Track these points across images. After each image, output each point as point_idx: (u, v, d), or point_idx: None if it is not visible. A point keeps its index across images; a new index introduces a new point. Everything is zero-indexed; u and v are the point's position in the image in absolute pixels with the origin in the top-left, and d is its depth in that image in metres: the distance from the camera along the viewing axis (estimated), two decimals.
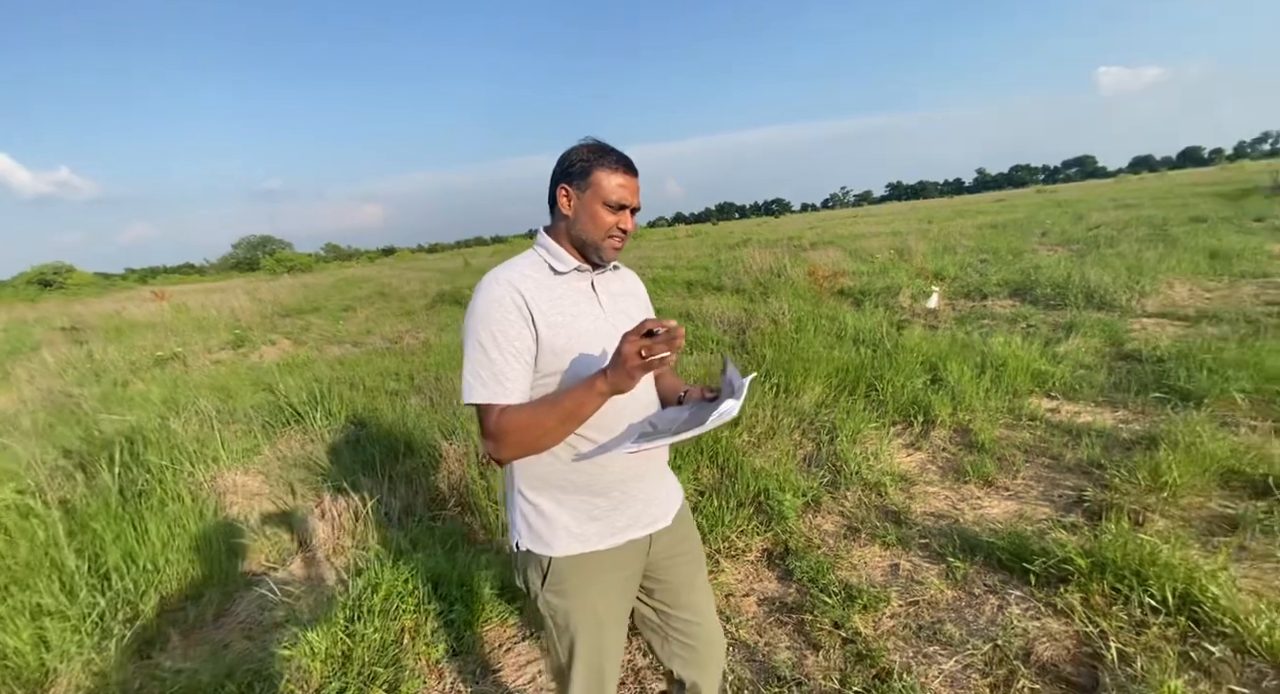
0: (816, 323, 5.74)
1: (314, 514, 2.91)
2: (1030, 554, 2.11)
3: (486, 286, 1.09)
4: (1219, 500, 2.46)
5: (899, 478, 2.92)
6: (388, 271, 27.26)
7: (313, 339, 8.75)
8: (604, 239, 1.13)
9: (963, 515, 2.59)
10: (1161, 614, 1.81)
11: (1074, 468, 2.87)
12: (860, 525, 2.59)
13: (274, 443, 3.96)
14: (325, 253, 77.70)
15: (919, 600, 2.09)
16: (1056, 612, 1.92)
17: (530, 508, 1.17)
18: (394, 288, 16.09)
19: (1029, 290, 6.95)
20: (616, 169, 1.10)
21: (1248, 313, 5.13)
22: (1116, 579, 1.91)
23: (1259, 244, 8.34)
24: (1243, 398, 3.25)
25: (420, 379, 5.22)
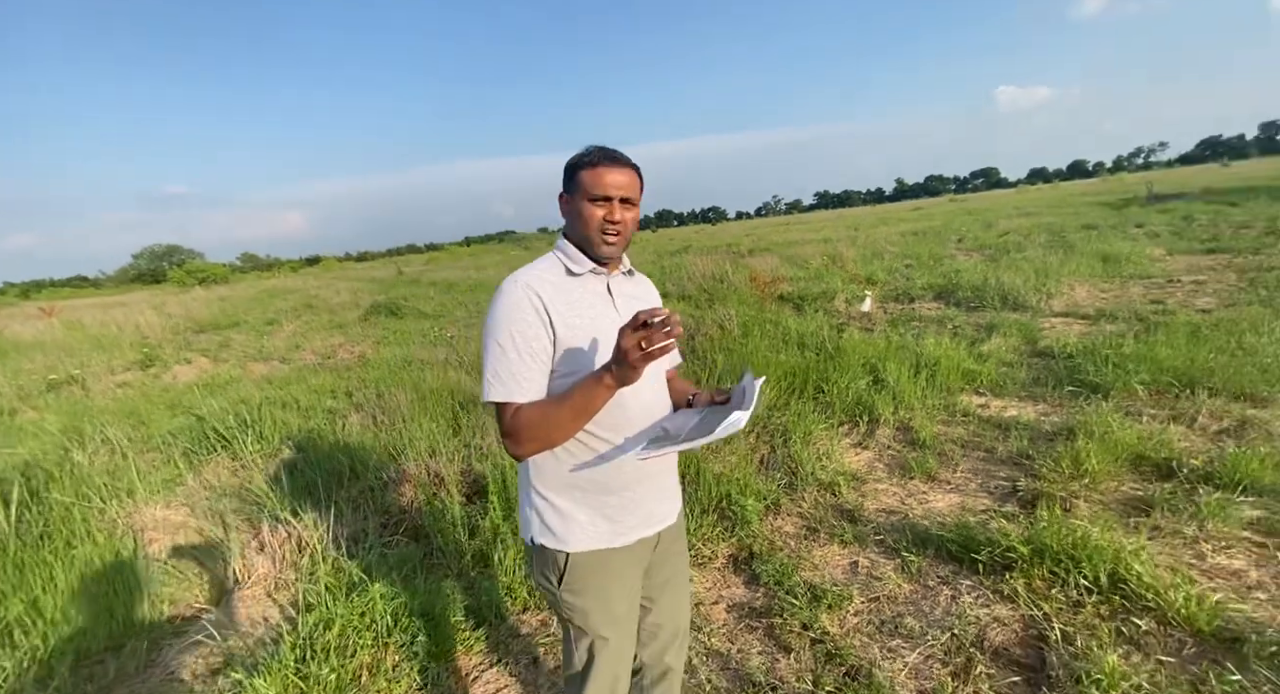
0: (761, 328, 5.89)
1: (251, 547, 2.71)
2: (977, 545, 2.24)
3: (506, 289, 1.13)
4: (1130, 484, 2.70)
5: (851, 477, 3.04)
6: (314, 282, 25.80)
7: (234, 356, 8.16)
8: (595, 233, 1.15)
9: (912, 510, 2.73)
10: (1094, 594, 1.97)
11: (1006, 460, 3.08)
12: (819, 526, 2.67)
13: (198, 471, 3.65)
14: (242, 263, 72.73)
15: (879, 596, 2.18)
16: (1003, 598, 2.05)
17: (545, 504, 1.20)
18: (322, 299, 15.26)
19: (951, 293, 7.43)
20: (597, 164, 1.13)
21: (1138, 311, 5.69)
22: (1054, 563, 2.06)
23: (1142, 249, 9.28)
24: (1143, 389, 3.60)
25: (360, 396, 4.96)
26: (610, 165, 1.13)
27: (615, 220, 1.14)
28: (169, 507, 3.25)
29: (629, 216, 1.17)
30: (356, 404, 4.75)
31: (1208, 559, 2.14)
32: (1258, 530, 2.26)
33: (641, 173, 1.20)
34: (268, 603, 2.43)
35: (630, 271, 1.30)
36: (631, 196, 1.16)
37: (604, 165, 1.13)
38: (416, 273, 24.48)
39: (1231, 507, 2.37)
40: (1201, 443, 2.95)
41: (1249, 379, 3.47)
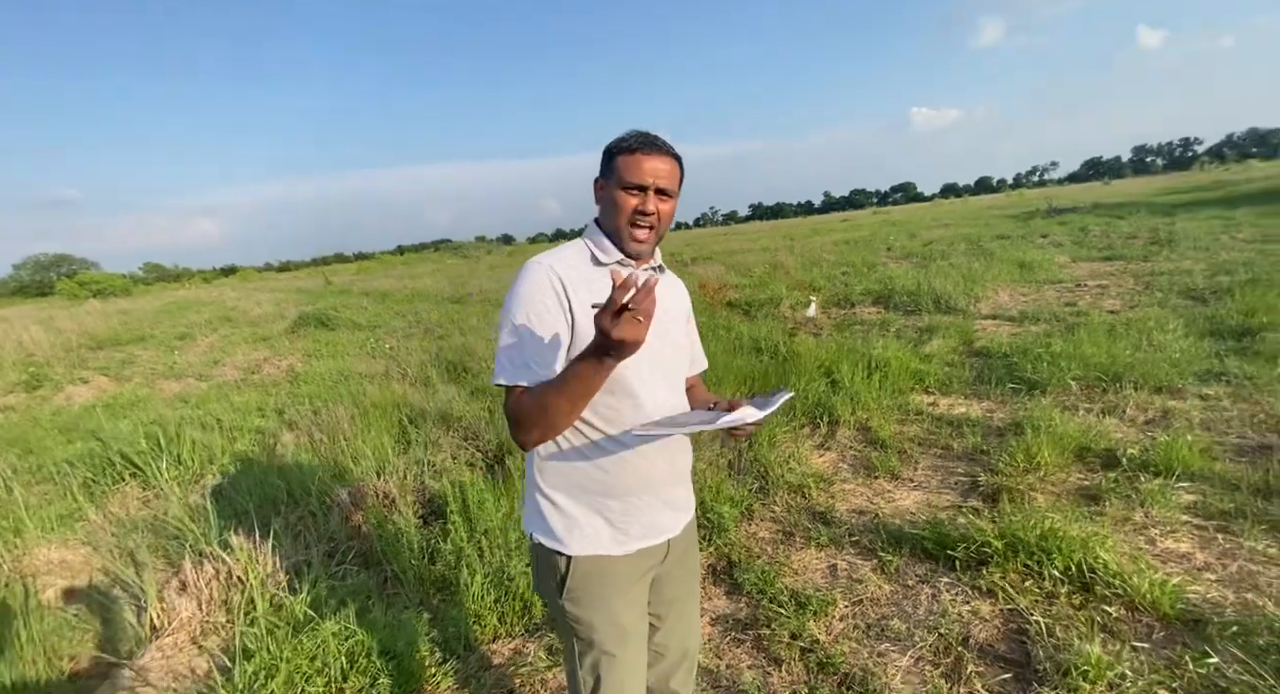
0: (715, 333, 5.92)
1: (171, 588, 2.38)
2: (952, 541, 2.27)
3: (528, 270, 1.08)
4: (1077, 475, 2.85)
5: (819, 479, 3.04)
6: (231, 293, 23.98)
7: (140, 374, 7.38)
8: (625, 224, 1.09)
9: (881, 510, 2.75)
10: (1065, 584, 2.03)
11: (962, 456, 3.19)
12: (794, 529, 2.64)
13: (102, 504, 3.21)
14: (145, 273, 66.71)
15: (862, 599, 2.16)
16: (982, 593, 2.08)
17: (546, 502, 1.15)
18: (242, 311, 14.18)
19: (888, 298, 7.75)
20: (634, 150, 1.07)
21: (1056, 313, 6.12)
22: (1027, 556, 2.11)
23: (1050, 256, 10.06)
24: (1075, 384, 3.84)
25: (293, 413, 4.57)
26: (649, 152, 1.07)
27: (648, 211, 1.08)
28: (66, 546, 2.83)
29: (664, 208, 1.10)
30: (289, 422, 4.37)
31: (1158, 544, 2.26)
32: (1196, 514, 2.42)
33: (683, 163, 1.14)
34: (193, 652, 2.14)
35: (660, 268, 1.21)
36: (669, 187, 1.09)
37: (643, 152, 1.07)
38: (346, 282, 23.24)
39: (1170, 492, 2.53)
40: (1133, 433, 3.15)
41: (1164, 373, 3.77)
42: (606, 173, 1.12)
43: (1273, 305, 4.85)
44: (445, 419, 3.96)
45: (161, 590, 2.34)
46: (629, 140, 1.08)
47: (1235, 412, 3.25)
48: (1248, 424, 3.10)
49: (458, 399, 4.28)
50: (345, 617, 2.03)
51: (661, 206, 1.09)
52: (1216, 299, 5.65)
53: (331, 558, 2.57)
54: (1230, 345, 4.26)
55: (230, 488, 3.18)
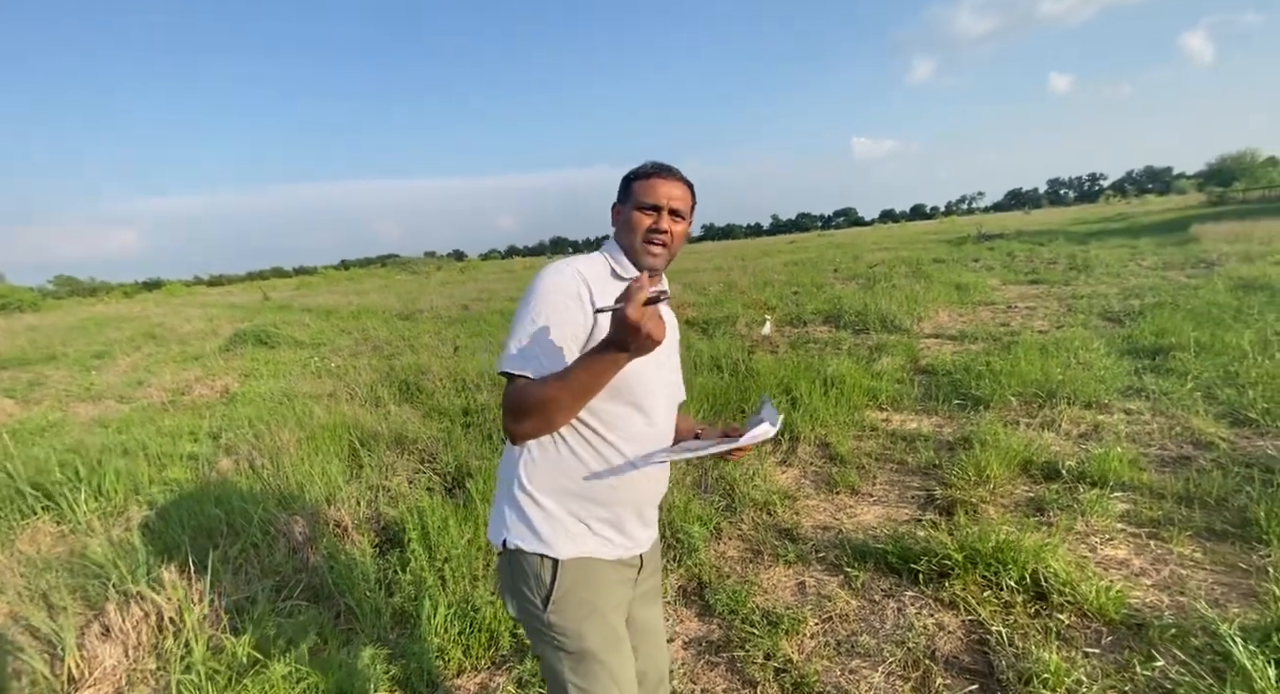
0: None
1: (92, 633, 2.16)
2: (915, 555, 2.34)
3: (553, 269, 1.11)
4: (1022, 487, 3.00)
5: (783, 495, 3.08)
6: (155, 309, 22.43)
7: (51, 396, 6.76)
8: (640, 241, 1.15)
9: (844, 525, 2.81)
10: (1021, 593, 2.12)
11: (917, 470, 3.30)
12: (761, 547, 2.66)
13: (9, 542, 2.89)
14: (56, 287, 61.52)
15: (831, 615, 2.19)
16: (945, 605, 2.15)
17: (529, 501, 1.12)
18: (169, 327, 13.27)
19: (838, 318, 8.03)
20: (650, 175, 1.16)
21: (992, 332, 6.50)
22: (985, 567, 2.20)
23: (983, 279, 10.72)
24: (1015, 400, 4.07)
25: (229, 437, 4.28)
26: (664, 177, 1.16)
27: (662, 228, 1.14)
28: None
29: (677, 229, 1.16)
30: (226, 446, 4.09)
31: (1099, 551, 2.40)
32: (1129, 522, 2.59)
33: (695, 191, 1.21)
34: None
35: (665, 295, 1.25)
36: (681, 210, 1.16)
37: (658, 177, 1.16)
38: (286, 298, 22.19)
39: (1106, 502, 2.70)
40: (1069, 446, 3.36)
41: (1092, 389, 4.04)
42: (624, 197, 1.19)
43: (1179, 327, 5.31)
44: (400, 441, 3.80)
45: (81, 636, 2.12)
46: (646, 167, 1.17)
47: (1156, 425, 3.52)
48: (1167, 437, 3.36)
49: (413, 420, 4.12)
50: (295, 657, 1.89)
51: (674, 227, 1.15)
52: (1130, 321, 6.14)
53: (279, 593, 2.39)
54: (1146, 363, 4.63)
55: (160, 520, 2.93)
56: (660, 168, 1.17)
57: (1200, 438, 3.27)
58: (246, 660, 1.92)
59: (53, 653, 2.11)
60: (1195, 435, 3.32)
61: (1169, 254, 11.80)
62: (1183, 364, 4.39)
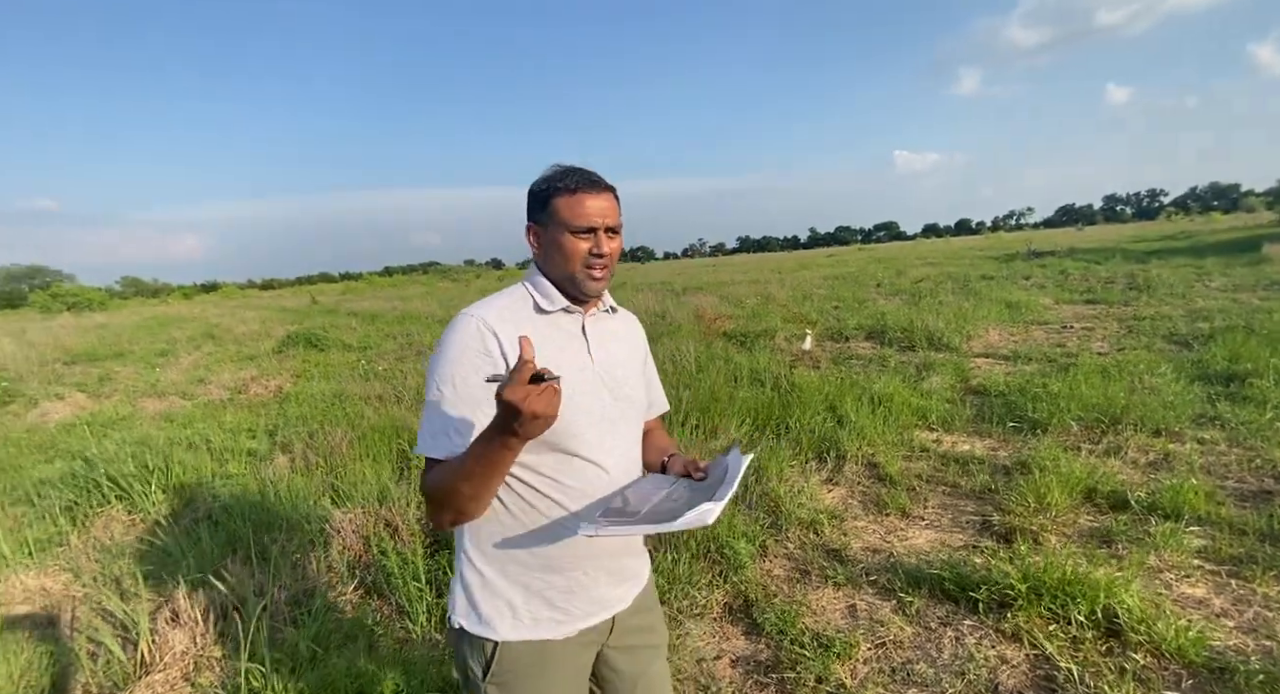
0: (714, 363, 5.93)
1: (162, 619, 2.26)
2: (974, 583, 2.25)
3: (458, 325, 0.97)
4: (1086, 517, 2.86)
5: (830, 515, 3.02)
6: (213, 310, 23.59)
7: (120, 391, 7.16)
8: (579, 269, 1.00)
9: (895, 548, 2.73)
10: (1091, 629, 2.01)
11: (971, 494, 3.19)
12: (809, 567, 2.61)
13: (85, 529, 3.07)
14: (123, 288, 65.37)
15: (885, 641, 2.12)
16: (1007, 637, 2.06)
17: (475, 577, 1.02)
18: (225, 328, 13.92)
19: (882, 334, 7.85)
20: (576, 190, 0.98)
21: (1047, 353, 6.25)
22: (1051, 600, 2.10)
23: (1035, 298, 10.33)
24: (1076, 425, 3.89)
25: (284, 435, 4.45)
26: (591, 191, 0.98)
27: (603, 252, 0.99)
28: (46, 573, 2.69)
29: (614, 247, 1.02)
30: (282, 444, 4.25)
31: (1174, 588, 2.27)
32: (1207, 558, 2.43)
33: (618, 194, 1.05)
34: (186, 690, 2.01)
35: (612, 308, 1.14)
36: (615, 225, 1.02)
37: (584, 191, 0.98)
38: (333, 302, 23.03)
39: (1180, 536, 2.54)
40: (1137, 475, 3.19)
41: (1160, 416, 3.84)
42: (541, 217, 1.02)
43: (1255, 353, 5.00)
44: None
45: (155, 621, 2.22)
46: (567, 180, 0.99)
47: (1233, 456, 3.32)
48: (1246, 469, 3.16)
49: None
50: (353, 652, 1.94)
51: (612, 245, 1.01)
52: (1200, 344, 5.81)
53: (334, 588, 2.46)
54: (1220, 390, 4.37)
55: (223, 513, 3.07)
56: (583, 179, 0.99)
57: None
58: (307, 652, 1.98)
59: (125, 636, 2.22)
60: (1277, 468, 3.11)
61: (1239, 275, 11.15)
62: (1261, 392, 4.13)
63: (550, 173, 1.01)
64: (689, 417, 4.15)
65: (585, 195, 0.98)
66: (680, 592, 2.37)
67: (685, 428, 3.99)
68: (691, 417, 4.15)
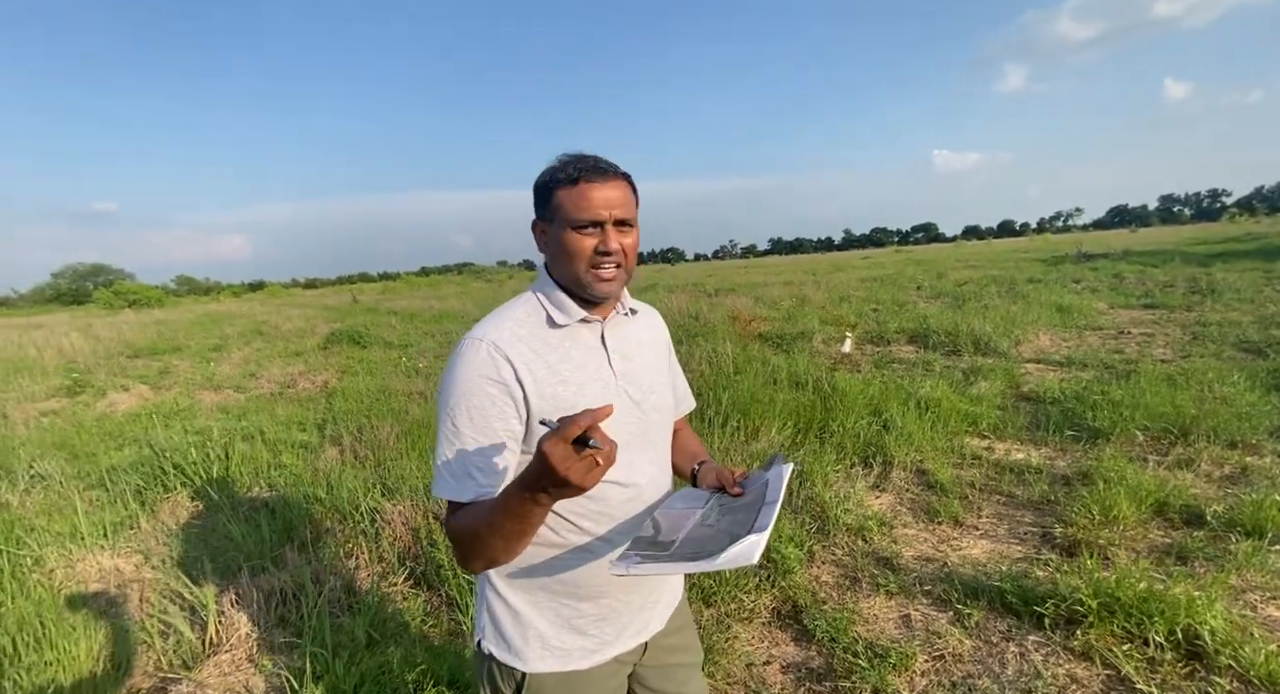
0: (750, 366, 5.86)
1: (227, 601, 2.35)
2: (1038, 597, 2.16)
3: (465, 351, 0.88)
4: (1156, 532, 2.72)
5: (879, 521, 2.94)
6: (260, 308, 24.53)
7: (180, 384, 7.50)
8: (585, 271, 0.90)
9: (948, 558, 2.64)
10: (1170, 650, 1.90)
11: (1027, 505, 3.06)
12: (859, 575, 2.54)
13: (154, 513, 3.22)
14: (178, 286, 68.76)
15: (943, 654, 2.05)
16: (1076, 656, 1.96)
17: (501, 605, 0.96)
18: (273, 325, 14.45)
19: (924, 337, 7.64)
20: (578, 179, 0.88)
21: (1103, 360, 5.97)
22: (1125, 617, 2.00)
23: (1088, 302, 9.90)
24: (1141, 435, 3.70)
25: (333, 429, 4.58)
26: (595, 179, 0.88)
27: (611, 249, 0.88)
28: (119, 554, 2.82)
29: (627, 242, 0.91)
30: (331, 437, 4.37)
31: (1260, 611, 2.13)
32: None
33: (634, 182, 0.94)
34: (250, 671, 2.09)
35: (631, 311, 1.04)
36: (627, 216, 0.90)
37: (587, 180, 0.87)
38: (373, 301, 23.66)
39: (1264, 555, 2.39)
40: (1212, 489, 3.02)
41: (1235, 427, 3.62)
42: (545, 212, 0.92)
43: None
44: None
45: (219, 603, 2.31)
46: (568, 169, 0.89)
47: None
48: None
49: None
50: (409, 642, 1.98)
51: (624, 240, 0.90)
52: (1274, 352, 5.48)
53: (385, 578, 2.52)
54: None
55: (280, 502, 3.17)
56: (587, 165, 0.89)
57: None
58: (365, 639, 2.03)
59: (193, 618, 2.31)
60: None
61: None
62: None
63: (554, 164, 0.91)
64: (729, 418, 4.11)
65: (589, 184, 0.87)
66: (727, 594, 2.35)
67: (725, 430, 3.95)
68: (732, 418, 4.10)
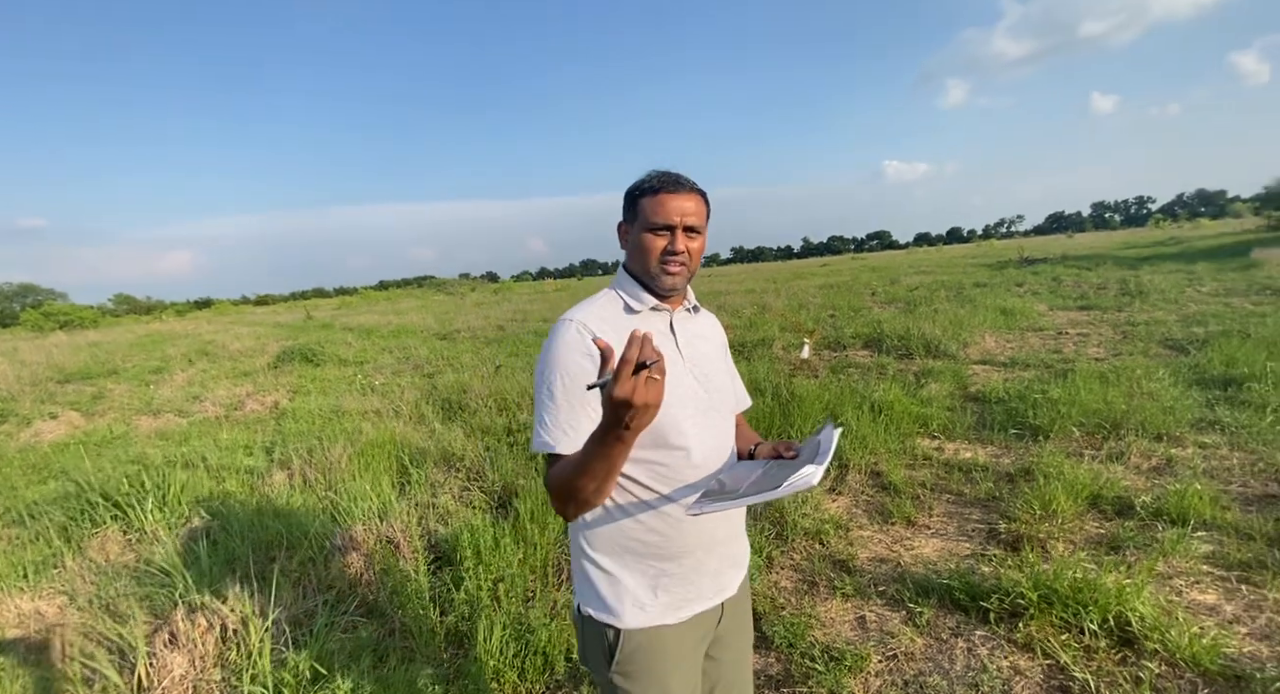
0: None
1: (160, 641, 2.21)
2: (983, 592, 2.24)
3: (559, 330, 1.04)
4: (1092, 523, 2.85)
5: (835, 524, 3.00)
6: (207, 326, 23.47)
7: (115, 409, 7.09)
8: (655, 265, 1.07)
9: (902, 557, 2.71)
10: (1103, 638, 1.99)
11: (975, 502, 3.18)
12: (816, 578, 2.58)
13: (81, 550, 3.01)
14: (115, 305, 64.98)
15: (896, 653, 2.09)
16: (1020, 647, 2.04)
17: (596, 570, 1.08)
18: (220, 344, 13.83)
19: (879, 342, 7.87)
20: (659, 190, 1.06)
21: (1044, 359, 6.27)
22: (1063, 608, 2.08)
23: (1030, 305, 10.39)
24: (1078, 430, 3.89)
25: (282, 451, 4.40)
26: (673, 191, 1.05)
27: (678, 250, 1.05)
28: (40, 597, 2.63)
29: (694, 246, 1.08)
30: (280, 461, 4.20)
31: (1185, 595, 2.25)
32: (1216, 564, 2.42)
33: (708, 199, 1.12)
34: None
35: (695, 308, 1.20)
36: (696, 224, 1.07)
37: (666, 191, 1.05)
38: (328, 317, 22.96)
39: (1188, 542, 2.53)
40: (1141, 481, 3.19)
41: (1161, 421, 3.84)
42: (630, 216, 1.10)
43: (1252, 357, 5.03)
44: (447, 459, 3.85)
45: (149, 644, 2.18)
46: (651, 181, 1.07)
47: (1235, 460, 3.32)
48: (1249, 473, 3.16)
49: (457, 438, 4.17)
50: (357, 673, 1.90)
51: (690, 244, 1.07)
52: (1195, 349, 5.85)
53: (335, 608, 2.42)
54: (1218, 394, 4.39)
55: (221, 531, 3.02)
56: (668, 180, 1.06)
57: None
58: (310, 674, 1.94)
59: (122, 660, 2.17)
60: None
61: (1230, 280, 11.26)
62: (1260, 396, 4.15)
63: (643, 177, 1.09)
64: None
65: (667, 195, 1.05)
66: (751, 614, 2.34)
67: None
68: None
